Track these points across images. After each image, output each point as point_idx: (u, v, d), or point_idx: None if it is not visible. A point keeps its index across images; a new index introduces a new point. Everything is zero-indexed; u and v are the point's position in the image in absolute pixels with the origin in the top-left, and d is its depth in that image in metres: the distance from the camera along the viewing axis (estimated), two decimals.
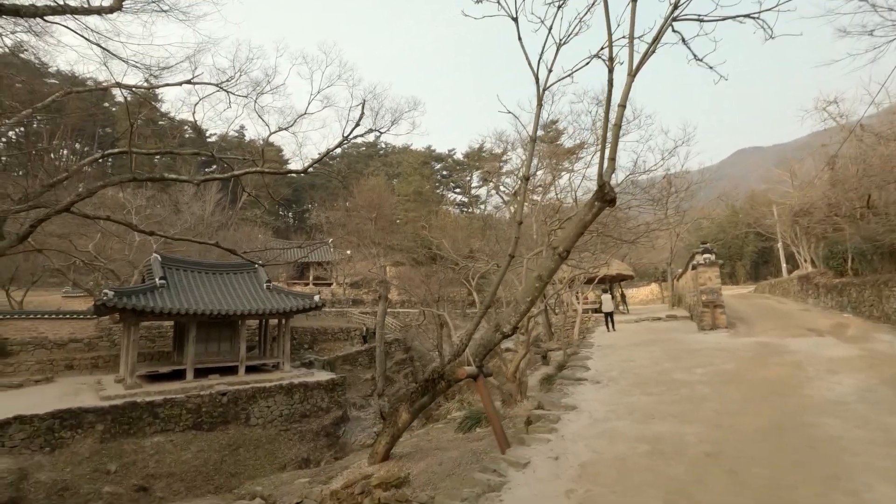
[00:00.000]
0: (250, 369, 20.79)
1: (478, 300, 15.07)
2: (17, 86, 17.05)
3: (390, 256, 35.58)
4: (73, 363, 21.43)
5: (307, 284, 41.37)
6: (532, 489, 4.20)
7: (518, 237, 8.59)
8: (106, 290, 16.78)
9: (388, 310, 29.48)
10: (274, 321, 23.06)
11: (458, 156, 72.27)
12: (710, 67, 7.68)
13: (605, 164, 6.35)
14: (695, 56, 7.64)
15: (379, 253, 29.39)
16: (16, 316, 21.83)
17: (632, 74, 6.57)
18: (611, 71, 6.17)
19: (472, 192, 71.82)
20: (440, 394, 8.65)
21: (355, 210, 36.28)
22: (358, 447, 20.08)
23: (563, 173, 18.18)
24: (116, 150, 11.81)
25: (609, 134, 6.35)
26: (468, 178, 71.80)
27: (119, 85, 12.25)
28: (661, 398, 7.18)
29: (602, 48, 6.45)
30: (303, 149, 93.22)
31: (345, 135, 12.78)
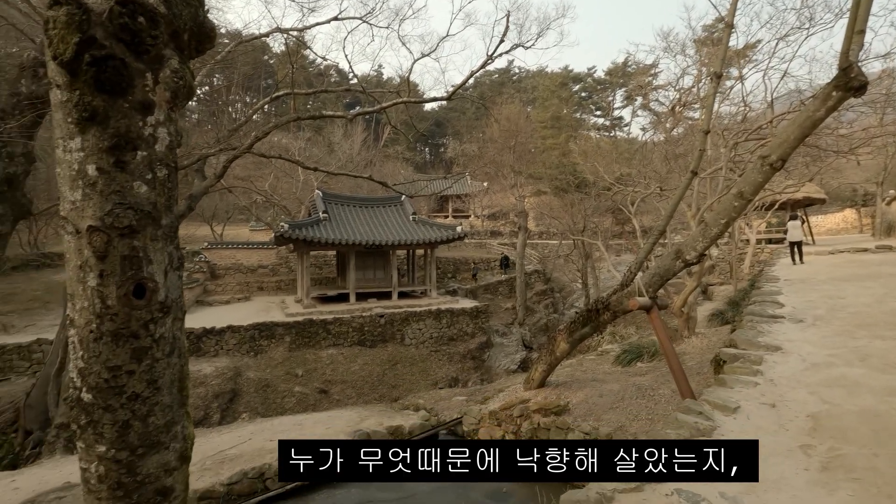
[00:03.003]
0: (402, 295, 22.43)
1: (637, 226, 13.75)
2: None
3: (530, 186, 34.57)
4: (262, 285, 25.39)
5: (447, 217, 42.69)
6: (752, 439, 3.55)
7: (703, 149, 7.25)
8: (282, 224, 19.11)
9: (527, 241, 29.03)
10: (420, 251, 24.29)
11: (599, 73, 65.68)
12: None
13: (852, 40, 4.74)
14: None
15: (517, 183, 28.60)
16: (219, 246, 26.33)
17: None
18: None
19: (615, 113, 65.50)
20: (603, 325, 8.13)
21: (491, 140, 35.52)
22: (502, 372, 20.82)
23: (736, 79, 15.03)
24: (281, 93, 12.66)
25: None
26: (610, 99, 65.38)
27: (279, 30, 12.97)
28: None
29: None
30: (445, 75, 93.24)
31: (489, 53, 11.97)
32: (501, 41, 11.58)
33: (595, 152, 27.96)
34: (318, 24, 12.60)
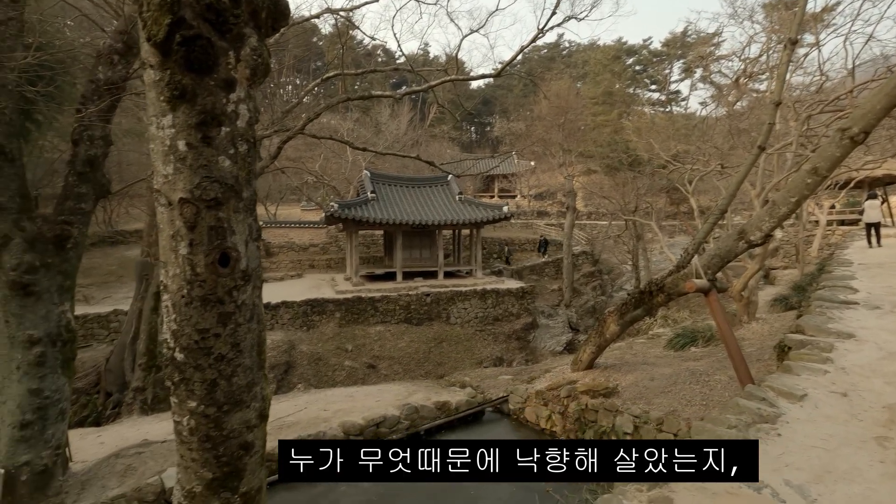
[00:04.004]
0: (447, 275, 22.59)
1: (695, 206, 13.13)
2: None
3: (579, 164, 33.63)
4: (313, 263, 26.30)
5: (492, 196, 42.34)
6: (820, 428, 3.38)
7: (773, 123, 6.77)
8: (332, 203, 19.62)
9: (575, 222, 28.37)
10: (466, 231, 24.30)
11: (656, 45, 62.26)
12: None
13: None
14: None
15: (566, 161, 27.86)
16: (273, 225, 27.42)
17: None
18: None
19: (672, 86, 62.14)
20: (656, 308, 7.89)
21: (540, 118, 34.69)
22: (548, 353, 20.70)
23: (811, 46, 13.78)
24: (332, 74, 12.83)
25: None
26: (667, 72, 61.98)
27: (329, 10, 13.07)
28: None
29: None
30: (494, 51, 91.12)
31: (540, 27, 11.61)
32: (553, 13, 11.18)
33: (650, 129, 26.73)
34: (366, 3, 12.59)
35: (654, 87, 63.06)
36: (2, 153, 5.16)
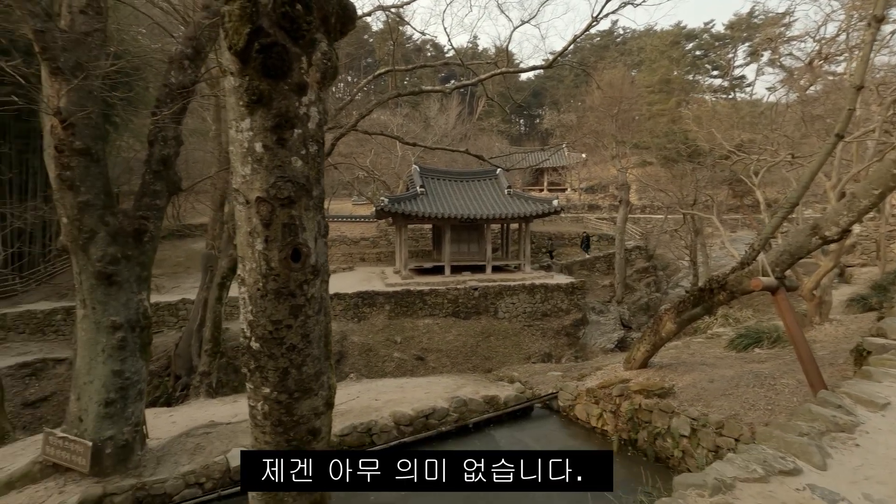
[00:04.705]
0: (495, 269, 22.50)
1: (761, 199, 12.36)
2: None
3: (633, 156, 32.43)
4: (363, 256, 26.97)
5: (542, 190, 41.67)
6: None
7: (853, 109, 6.24)
8: (382, 198, 20.00)
9: (629, 215, 27.40)
10: (514, 225, 24.09)
11: (718, 28, 58.84)
12: None
13: None
14: None
15: (619, 153, 26.93)
16: (326, 219, 28.31)
17: None
18: None
19: (735, 72, 58.51)
20: (717, 306, 7.52)
21: (591, 108, 33.70)
22: (598, 350, 20.20)
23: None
24: (383, 70, 13.03)
25: None
26: (730, 56, 58.39)
27: (381, 8, 13.28)
28: None
29: None
30: (545, 41, 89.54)
31: (594, 14, 11.26)
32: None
33: (711, 117, 25.29)
34: None
35: (715, 72, 59.67)
36: (88, 154, 5.64)
